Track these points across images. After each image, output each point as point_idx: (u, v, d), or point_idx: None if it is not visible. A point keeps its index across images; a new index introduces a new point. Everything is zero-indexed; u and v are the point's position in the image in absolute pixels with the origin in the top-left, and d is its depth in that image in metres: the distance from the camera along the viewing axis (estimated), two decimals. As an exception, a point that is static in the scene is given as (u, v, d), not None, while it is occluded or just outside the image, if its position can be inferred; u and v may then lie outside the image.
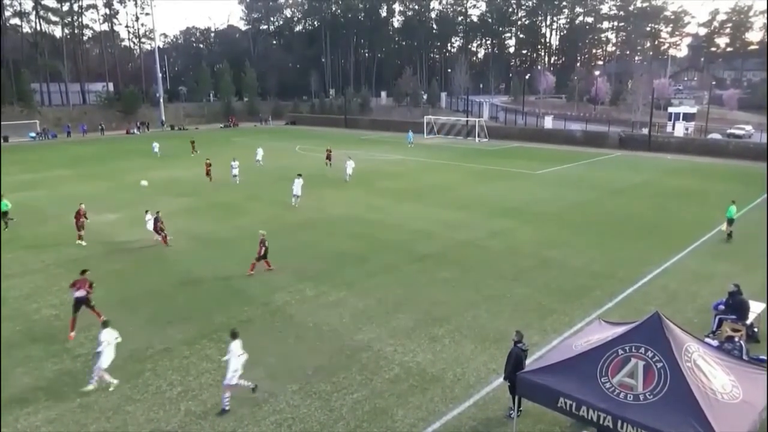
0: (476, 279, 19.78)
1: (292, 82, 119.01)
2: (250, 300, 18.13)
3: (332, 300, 17.99)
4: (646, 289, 18.80)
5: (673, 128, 64.00)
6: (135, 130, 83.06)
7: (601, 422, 9.06)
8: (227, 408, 11.93)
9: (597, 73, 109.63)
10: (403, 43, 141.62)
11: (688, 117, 67.98)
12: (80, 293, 15.78)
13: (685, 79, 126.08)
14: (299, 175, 32.01)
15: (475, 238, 24.77)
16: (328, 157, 44.64)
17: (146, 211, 25.22)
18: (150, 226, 24.61)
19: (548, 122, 70.18)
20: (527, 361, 11.44)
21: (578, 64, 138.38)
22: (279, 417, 11.81)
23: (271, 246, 20.44)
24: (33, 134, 75.60)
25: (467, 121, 71.92)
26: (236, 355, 12.14)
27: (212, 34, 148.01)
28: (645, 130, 60.10)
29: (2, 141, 69.40)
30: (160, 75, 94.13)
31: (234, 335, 12.41)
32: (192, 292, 18.87)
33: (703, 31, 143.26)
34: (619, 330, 10.16)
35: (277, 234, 25.50)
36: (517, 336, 11.62)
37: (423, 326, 15.96)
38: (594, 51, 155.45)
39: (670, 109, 74.67)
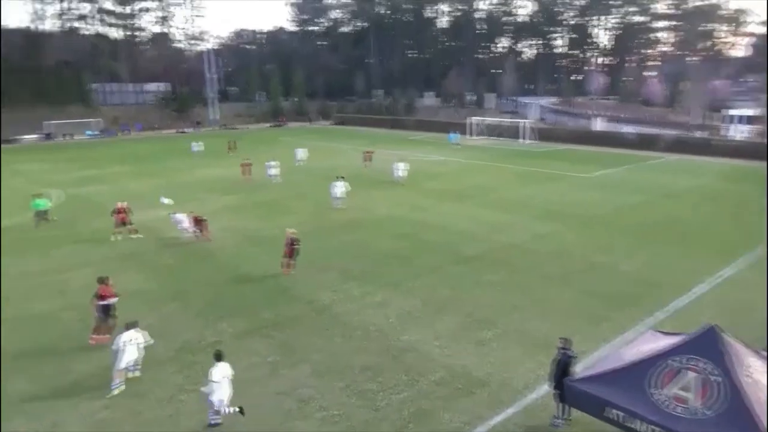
0: (522, 282, 19.56)
1: (339, 82, 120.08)
2: (297, 298, 18.48)
3: (378, 300, 18.14)
4: (700, 299, 18.18)
5: (732, 131, 61.48)
6: (188, 129, 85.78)
7: (652, 435, 8.86)
8: (214, 422, 11.59)
9: (650, 73, 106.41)
10: (450, 43, 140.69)
11: (747, 120, 65.15)
12: (108, 301, 15.36)
13: (744, 80, 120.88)
14: (341, 177, 31.99)
15: (521, 241, 24.50)
16: (368, 159, 44.97)
17: (170, 214, 26.18)
18: (184, 225, 25.38)
19: (599, 124, 68.53)
20: (575, 369, 11.27)
21: (630, 65, 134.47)
22: (325, 414, 12.02)
23: (315, 245, 20.80)
24: (90, 132, 79.17)
25: (515, 122, 71.03)
26: (218, 381, 11.44)
27: (262, 36, 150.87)
28: (700, 133, 57.96)
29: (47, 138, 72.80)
30: (212, 76, 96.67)
31: (218, 357, 11.75)
32: (240, 288, 19.36)
33: (763, 30, 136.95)
34: (673, 341, 9.90)
35: (322, 234, 25.94)
36: (562, 342, 11.47)
37: (469, 329, 15.91)
38: (647, 51, 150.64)
39: (728, 112, 71.78)
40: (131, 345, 13.06)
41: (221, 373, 11.52)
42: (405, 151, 55.28)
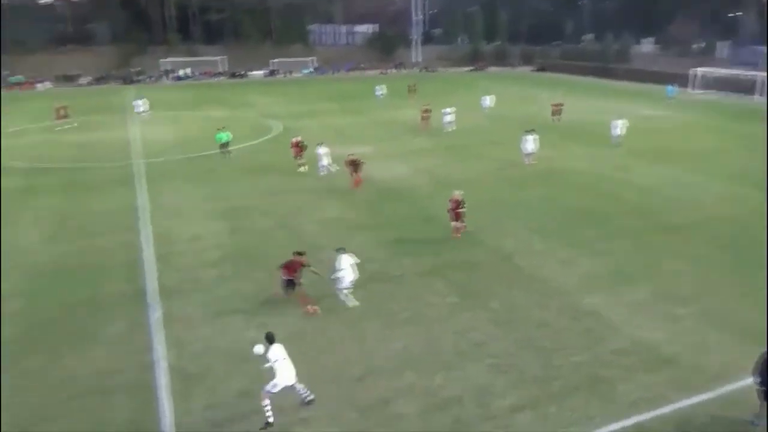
0: (735, 262, 17.22)
1: (545, 25, 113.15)
2: (480, 243, 18.68)
3: (562, 257, 17.51)
4: None
5: None
6: (390, 70, 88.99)
7: None
8: (270, 420, 10.26)
9: None
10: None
11: None
12: (290, 276, 14.41)
13: None
14: (531, 130, 29.28)
15: (740, 216, 21.38)
16: (557, 112, 41.74)
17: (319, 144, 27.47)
18: (323, 163, 26.71)
19: None
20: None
21: None
22: (496, 361, 12.19)
23: (503, 195, 20.55)
24: (306, 70, 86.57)
25: (750, 75, 60.64)
26: (279, 360, 10.31)
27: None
28: None
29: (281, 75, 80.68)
30: (417, 18, 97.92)
31: (270, 339, 10.46)
32: (427, 228, 20.09)
33: None
34: None
35: (511, 184, 25.56)
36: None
37: (662, 302, 14.65)
38: None
39: None
40: (350, 266, 14.26)
41: (279, 353, 10.37)
42: (611, 103, 50.97)
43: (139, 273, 16.85)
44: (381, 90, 56.96)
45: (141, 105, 46.73)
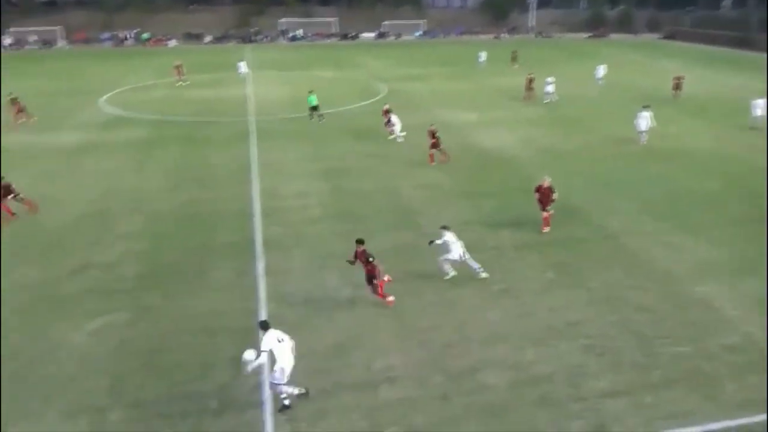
0: None
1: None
2: (584, 220, 17.99)
3: (673, 241, 16.40)
4: None
5: None
6: (503, 35, 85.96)
7: None
8: (287, 403, 9.92)
9: None
10: None
11: None
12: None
13: None
14: (646, 106, 26.97)
15: None
16: (677, 86, 37.87)
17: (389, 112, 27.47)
18: (396, 128, 26.53)
19: None
20: None
21: None
22: (590, 342, 11.79)
23: (613, 171, 19.42)
24: (416, 33, 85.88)
25: None
26: (274, 347, 9.60)
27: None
28: None
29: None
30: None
31: (264, 326, 9.84)
32: (529, 201, 19.25)
33: None
34: None
35: (622, 160, 24.21)
36: None
37: (786, 300, 13.36)
38: None
39: None
40: (455, 241, 14.03)
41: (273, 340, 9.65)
42: (750, 80, 46.10)
43: (248, 224, 17.92)
44: (483, 56, 55.44)
45: (242, 66, 48.03)
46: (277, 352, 9.58)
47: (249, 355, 9.41)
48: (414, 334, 12.13)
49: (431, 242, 14.28)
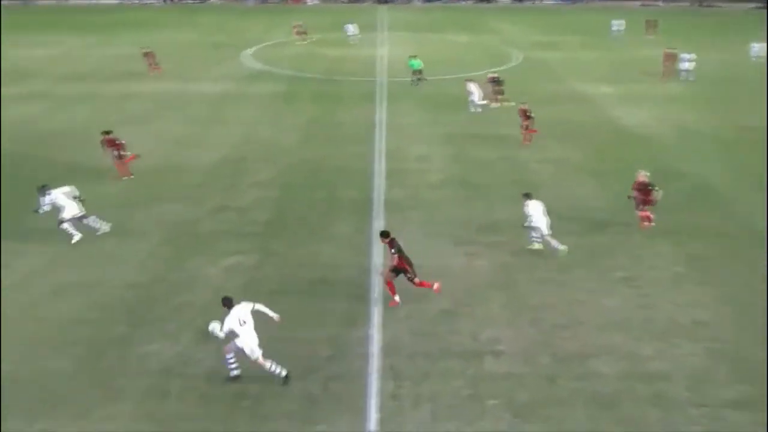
0: None
1: None
2: (728, 212, 16.49)
3: (836, 248, 14.47)
4: None
5: None
6: (657, 2, 79.01)
7: None
8: (284, 373, 9.75)
9: None
10: None
11: None
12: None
13: None
14: None
15: None
16: None
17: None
18: (474, 98, 25.44)
19: None
20: None
21: None
22: (718, 346, 10.78)
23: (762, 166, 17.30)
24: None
25: None
26: (236, 328, 9.43)
27: None
28: None
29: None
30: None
31: (228, 303, 9.64)
32: (666, 184, 17.51)
33: None
34: None
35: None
36: None
37: None
38: None
39: None
40: (541, 213, 13.72)
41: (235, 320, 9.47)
42: None
43: (369, 183, 18.41)
44: (615, 25, 51.29)
45: (351, 29, 47.43)
46: (241, 334, 9.45)
47: (214, 327, 9.38)
48: (524, 310, 11.91)
49: (525, 225, 13.94)
